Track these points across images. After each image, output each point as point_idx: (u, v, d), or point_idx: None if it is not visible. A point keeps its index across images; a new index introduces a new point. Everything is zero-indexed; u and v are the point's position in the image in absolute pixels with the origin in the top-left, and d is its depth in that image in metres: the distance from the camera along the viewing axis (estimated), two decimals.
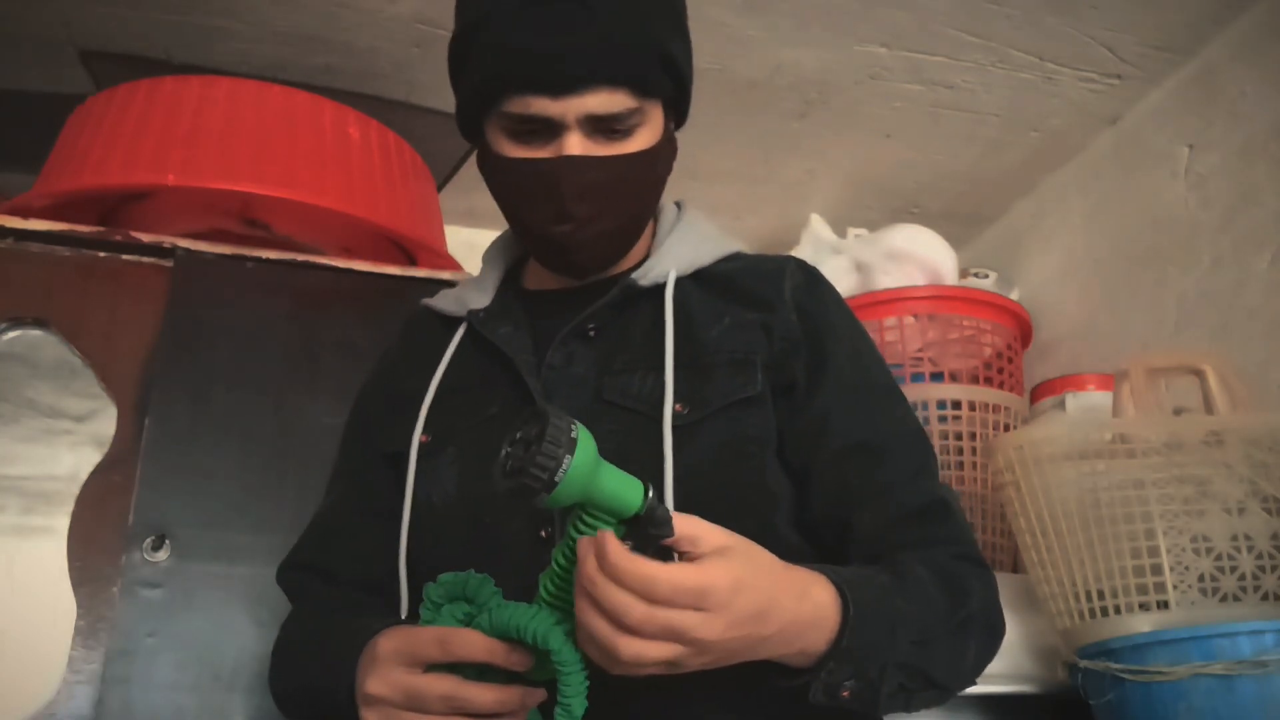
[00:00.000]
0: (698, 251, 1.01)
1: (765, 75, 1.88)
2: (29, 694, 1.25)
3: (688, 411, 0.90)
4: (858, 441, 0.92)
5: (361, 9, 1.70)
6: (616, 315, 0.97)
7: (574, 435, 0.66)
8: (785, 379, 0.94)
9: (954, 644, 0.84)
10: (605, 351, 0.96)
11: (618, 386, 0.93)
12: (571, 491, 0.66)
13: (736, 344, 0.94)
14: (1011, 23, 1.73)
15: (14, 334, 1.39)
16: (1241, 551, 1.26)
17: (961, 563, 0.88)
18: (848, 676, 0.76)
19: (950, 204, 2.32)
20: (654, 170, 0.97)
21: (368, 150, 1.59)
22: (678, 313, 0.95)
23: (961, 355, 1.85)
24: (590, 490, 0.67)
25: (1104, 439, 1.34)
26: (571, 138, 0.90)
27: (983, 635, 0.88)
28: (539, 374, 0.95)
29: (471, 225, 2.33)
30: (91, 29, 1.74)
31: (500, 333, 0.99)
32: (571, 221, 0.93)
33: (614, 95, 0.90)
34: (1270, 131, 1.67)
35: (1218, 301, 1.72)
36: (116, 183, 1.47)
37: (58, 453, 1.36)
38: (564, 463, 0.65)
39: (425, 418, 0.98)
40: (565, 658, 0.70)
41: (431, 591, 0.78)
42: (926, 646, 0.80)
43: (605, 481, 0.68)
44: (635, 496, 0.69)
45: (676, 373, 0.91)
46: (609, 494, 0.68)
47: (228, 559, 1.34)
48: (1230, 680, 1.17)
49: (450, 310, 1.06)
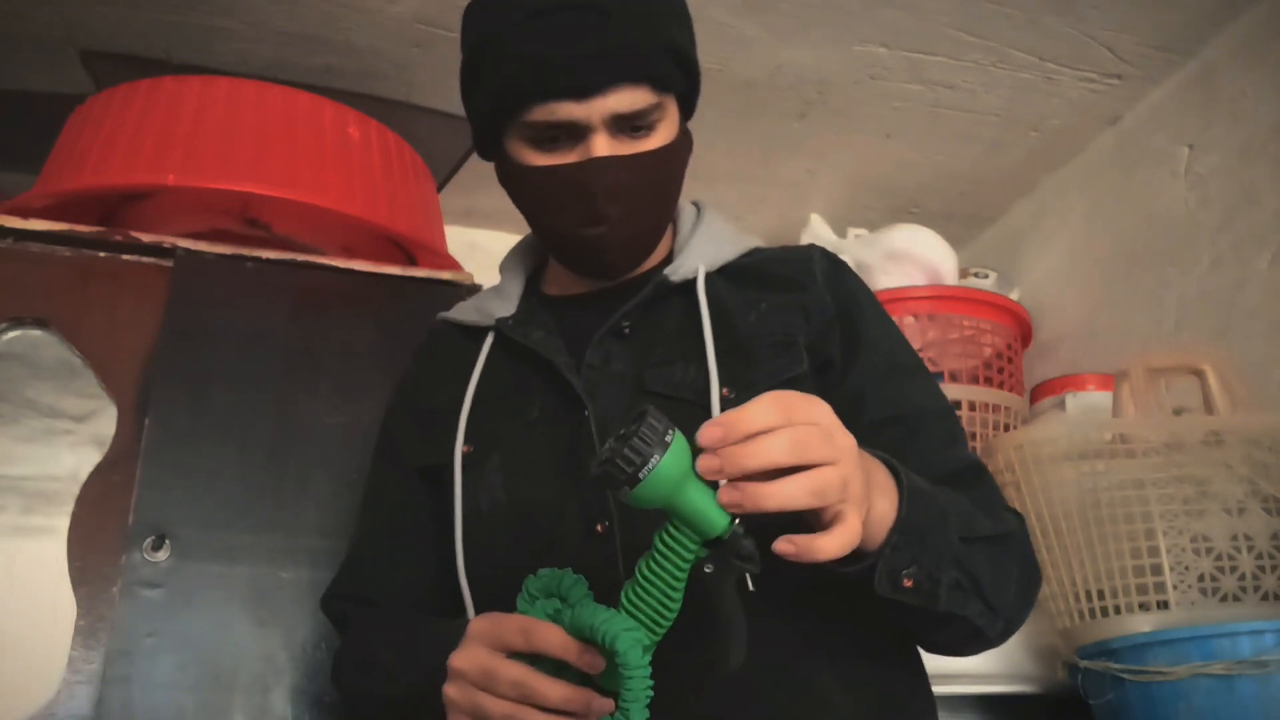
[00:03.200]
0: (721, 248, 1.02)
1: (765, 75, 1.88)
2: (29, 694, 1.25)
3: (735, 396, 0.90)
4: (890, 415, 0.93)
5: (361, 9, 1.70)
6: (648, 312, 0.98)
7: (669, 438, 0.66)
8: (823, 357, 0.95)
9: (997, 557, 0.84)
10: (641, 347, 0.96)
11: (660, 378, 0.93)
12: (656, 492, 0.66)
13: (776, 326, 0.95)
14: (1011, 23, 1.73)
15: (14, 334, 1.39)
16: (1241, 551, 1.26)
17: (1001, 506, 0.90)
18: (908, 561, 0.76)
19: (950, 204, 2.32)
20: (676, 165, 0.98)
21: (368, 150, 1.59)
22: (711, 304, 0.97)
23: (961, 355, 1.85)
24: (675, 498, 0.66)
25: (1104, 439, 1.34)
26: (598, 139, 0.91)
27: (1023, 565, 0.88)
28: (579, 374, 0.95)
29: (471, 225, 2.33)
30: (91, 29, 1.74)
31: (535, 337, 0.99)
32: (605, 223, 0.94)
33: (636, 92, 0.91)
34: (1270, 131, 1.67)
35: (1218, 301, 1.72)
36: (116, 183, 1.47)
37: (58, 453, 1.36)
38: (651, 460, 0.65)
39: (465, 428, 0.98)
40: (630, 660, 0.69)
41: (530, 584, 0.78)
42: (973, 547, 0.81)
43: (693, 495, 0.67)
44: (722, 519, 0.68)
45: (719, 359, 0.92)
46: (694, 508, 0.67)
47: (228, 559, 1.34)
48: (1230, 680, 1.17)
49: (474, 321, 1.06)
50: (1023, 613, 0.89)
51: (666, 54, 0.93)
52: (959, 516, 0.81)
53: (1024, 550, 0.90)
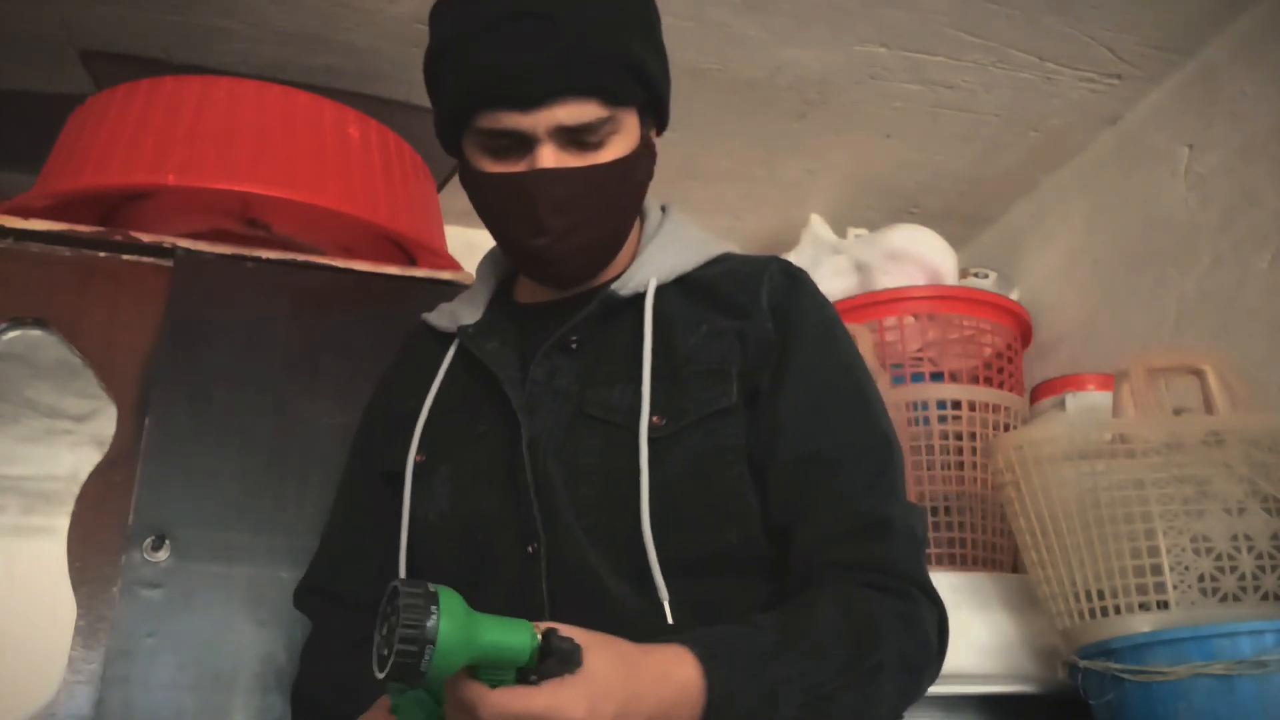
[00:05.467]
0: (680, 258, 1.01)
1: (765, 75, 1.88)
2: (29, 694, 1.25)
3: (665, 423, 0.90)
4: (810, 451, 0.92)
5: (361, 9, 1.70)
6: (599, 326, 0.98)
7: (430, 626, 0.62)
8: (753, 386, 0.94)
9: (863, 693, 0.82)
10: (587, 364, 0.96)
11: (597, 399, 0.93)
12: (449, 665, 0.63)
13: (712, 354, 0.94)
14: (1011, 23, 1.73)
15: (14, 334, 1.39)
16: (1241, 551, 1.26)
17: (884, 597, 0.86)
18: None
19: (950, 204, 2.31)
20: (631, 179, 0.97)
21: (368, 150, 1.59)
22: (658, 322, 0.95)
23: (961, 355, 1.85)
24: (474, 653, 0.65)
25: (1104, 439, 1.34)
26: (544, 150, 0.91)
27: (901, 677, 0.85)
28: (523, 388, 0.95)
29: (471, 225, 2.29)
30: (91, 29, 1.74)
31: (488, 348, 1.00)
32: (548, 234, 0.93)
33: (584, 106, 0.90)
34: (1270, 131, 1.67)
35: (1218, 301, 1.72)
36: (116, 183, 1.47)
37: (58, 453, 1.36)
38: (425, 654, 0.62)
39: (419, 437, 1.00)
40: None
41: None
42: (824, 703, 0.79)
43: (488, 637, 0.65)
44: (526, 640, 0.66)
45: (654, 384, 0.91)
46: (498, 647, 0.65)
47: (228, 559, 1.34)
48: (1230, 680, 1.17)
49: (443, 326, 1.07)
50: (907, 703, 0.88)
51: (620, 67, 0.92)
52: (801, 681, 0.78)
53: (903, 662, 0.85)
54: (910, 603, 0.88)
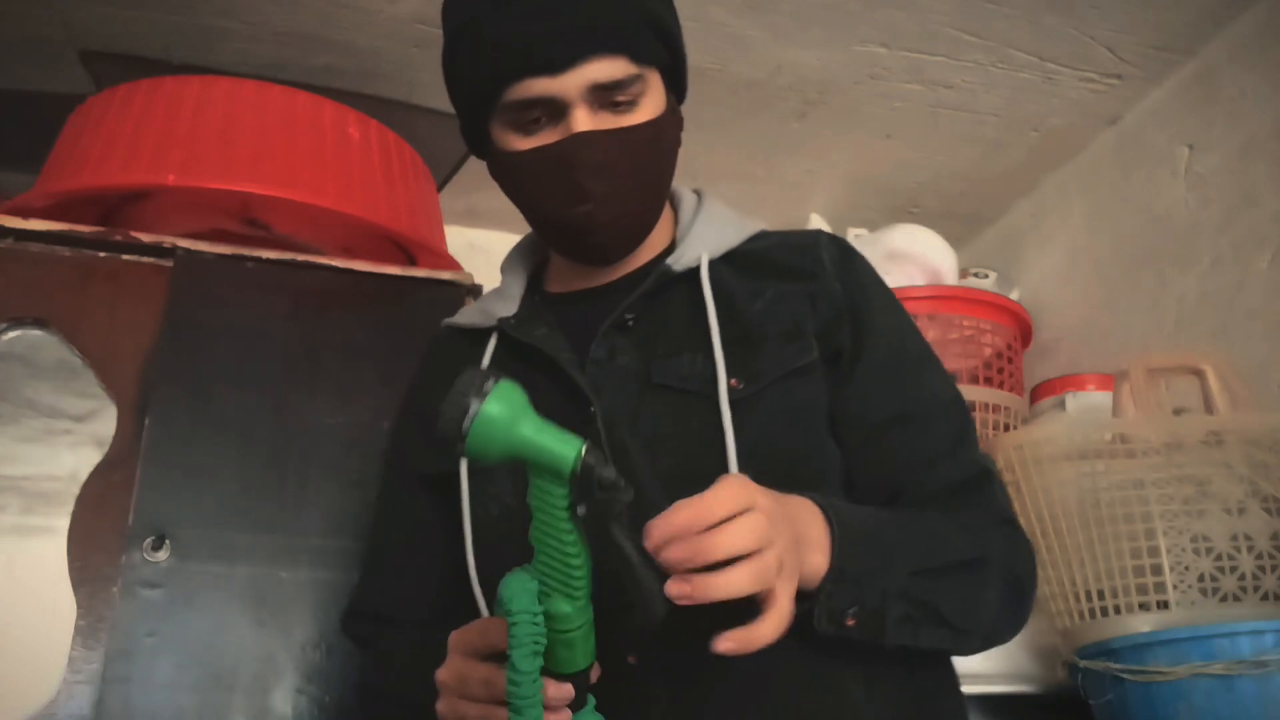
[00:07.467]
0: (725, 235, 1.01)
1: (765, 75, 1.88)
2: (29, 694, 1.25)
3: (743, 386, 0.89)
4: (897, 414, 0.93)
5: (361, 9, 1.70)
6: (651, 304, 0.97)
7: (488, 387, 0.65)
8: (832, 348, 0.94)
9: (966, 582, 0.84)
10: (646, 340, 0.95)
11: (666, 370, 0.92)
12: (488, 441, 0.65)
13: (783, 315, 0.94)
14: (1011, 23, 1.73)
15: (14, 334, 1.39)
16: (1241, 551, 1.26)
17: (991, 522, 0.89)
18: (848, 603, 0.77)
19: (950, 204, 2.32)
20: (665, 142, 0.96)
21: (368, 150, 1.59)
22: (716, 292, 0.95)
23: (961, 355, 1.85)
24: (511, 442, 0.65)
25: (1104, 439, 1.34)
26: (578, 114, 0.90)
27: (1004, 586, 0.87)
28: (583, 370, 0.94)
29: (471, 225, 2.33)
30: (91, 29, 1.74)
31: (537, 334, 0.98)
32: (591, 200, 0.92)
33: (614, 62, 0.89)
34: (1270, 131, 1.67)
35: (1218, 301, 1.72)
36: (116, 183, 1.47)
37: (58, 453, 1.36)
38: (470, 408, 0.64)
39: None
40: (511, 607, 0.69)
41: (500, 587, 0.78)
42: (931, 578, 0.81)
43: (528, 434, 0.65)
44: (567, 448, 0.65)
45: (725, 349, 0.91)
46: (535, 446, 0.65)
47: (228, 559, 1.34)
48: (1230, 680, 1.17)
49: (477, 323, 1.05)
50: (1009, 625, 0.90)
51: (643, 24, 0.92)
52: (913, 549, 0.81)
53: (1008, 570, 0.88)
54: (1017, 530, 0.91)
